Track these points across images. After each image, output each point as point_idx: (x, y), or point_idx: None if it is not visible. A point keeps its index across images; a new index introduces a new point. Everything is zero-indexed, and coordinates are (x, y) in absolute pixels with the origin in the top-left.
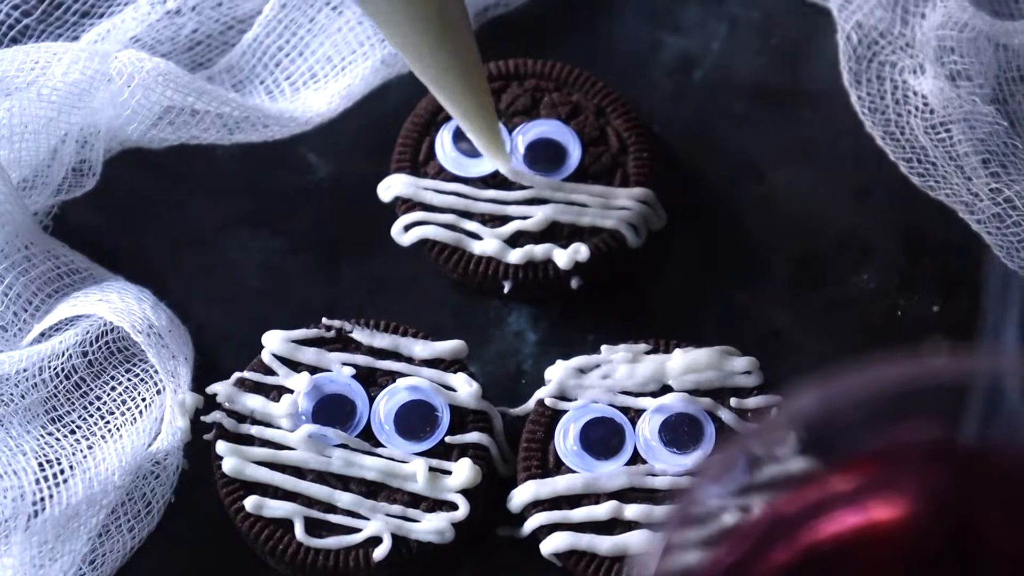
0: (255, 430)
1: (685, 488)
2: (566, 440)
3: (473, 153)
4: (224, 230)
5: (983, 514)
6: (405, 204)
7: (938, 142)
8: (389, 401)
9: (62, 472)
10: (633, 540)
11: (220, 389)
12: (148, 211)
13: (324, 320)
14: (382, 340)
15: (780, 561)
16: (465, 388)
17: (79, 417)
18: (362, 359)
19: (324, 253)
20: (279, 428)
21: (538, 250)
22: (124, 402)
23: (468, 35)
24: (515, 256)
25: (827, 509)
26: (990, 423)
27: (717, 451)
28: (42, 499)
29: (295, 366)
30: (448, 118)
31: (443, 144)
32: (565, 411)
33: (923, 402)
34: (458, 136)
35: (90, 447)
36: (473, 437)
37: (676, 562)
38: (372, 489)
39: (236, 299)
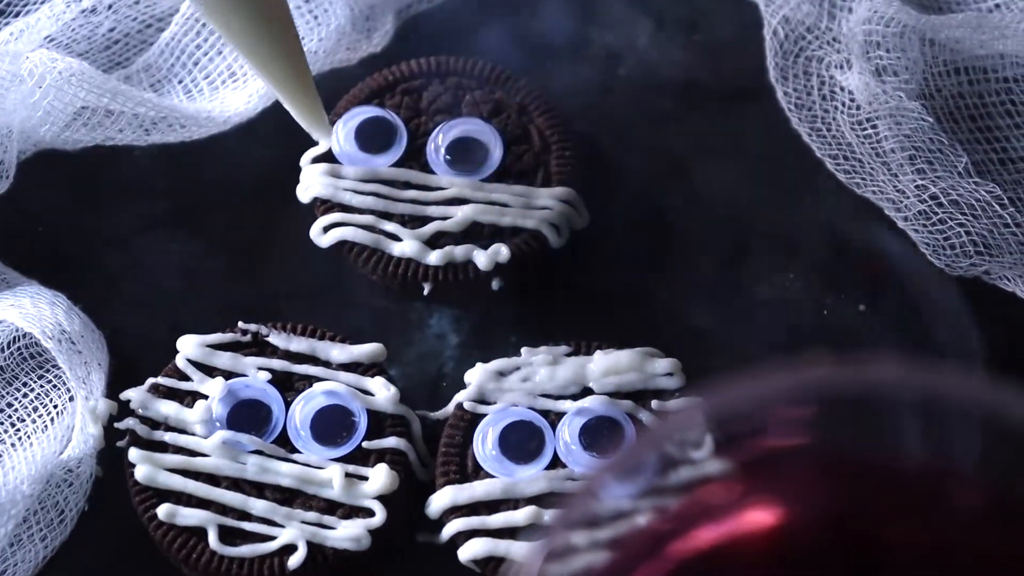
0: (169, 437)
1: (572, 491)
2: (485, 445)
3: (369, 149)
4: (141, 232)
5: (864, 521)
6: (324, 205)
7: (864, 138)
8: (305, 406)
9: None
10: None
11: (133, 395)
12: (63, 214)
13: (240, 324)
14: (299, 344)
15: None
16: (383, 392)
17: None
18: (278, 363)
19: (243, 255)
20: (193, 435)
21: (458, 251)
22: (36, 409)
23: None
24: (435, 257)
25: (702, 518)
26: (874, 431)
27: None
28: None
29: (210, 371)
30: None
31: (339, 138)
32: (484, 415)
33: (804, 411)
34: (358, 133)
35: None
36: (391, 442)
37: (564, 567)
38: (287, 496)
39: (153, 302)
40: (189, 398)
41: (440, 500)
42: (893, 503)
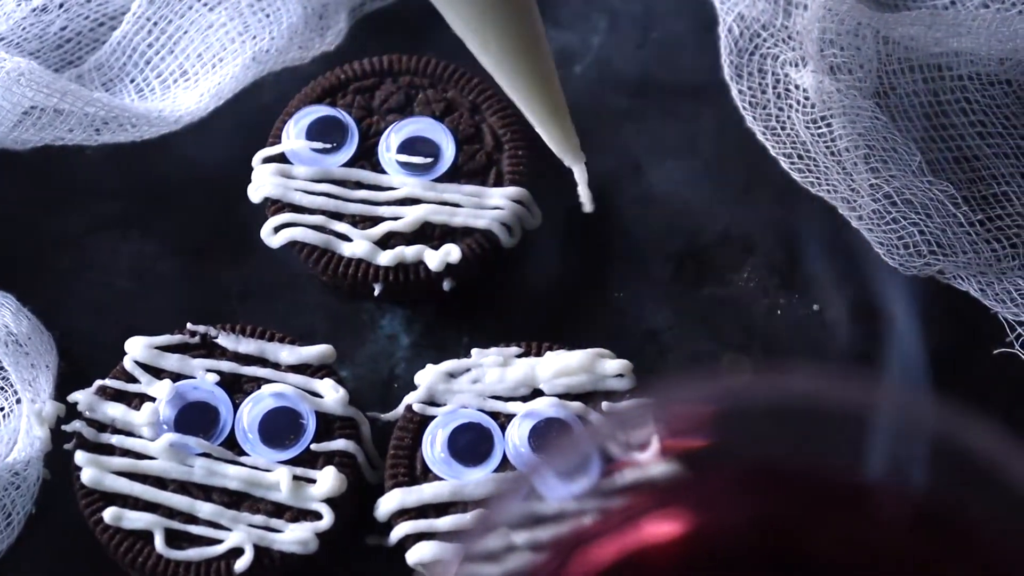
0: (115, 439)
1: (501, 491)
2: (434, 447)
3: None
4: (92, 233)
5: (785, 529)
6: (275, 205)
7: (818, 137)
8: (253, 408)
9: None
10: None
11: (81, 398)
12: (13, 214)
13: (189, 325)
14: (248, 345)
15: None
16: (332, 394)
17: None
18: (227, 365)
19: (195, 256)
20: (140, 437)
21: (409, 252)
22: None
23: (536, 19)
24: (385, 258)
25: (617, 526)
26: (792, 440)
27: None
28: None
29: (158, 373)
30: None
31: (289, 137)
32: (434, 416)
33: (723, 422)
34: (309, 132)
35: None
36: (339, 444)
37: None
38: (235, 499)
39: (104, 304)
40: (136, 400)
41: (388, 503)
42: (814, 511)
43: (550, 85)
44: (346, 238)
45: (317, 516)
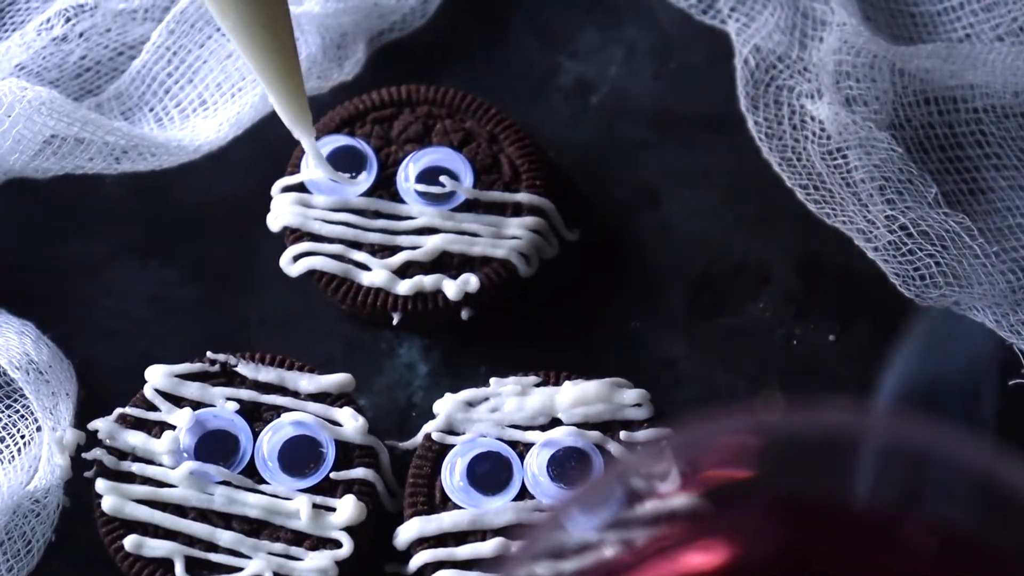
0: (136, 467)
1: (537, 522)
2: (453, 476)
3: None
4: (112, 261)
5: (817, 561)
6: (293, 234)
7: (834, 168)
8: (273, 436)
9: None
10: None
11: (101, 425)
12: (33, 242)
13: (208, 354)
14: (267, 374)
15: None
16: (351, 423)
17: None
18: (246, 393)
19: (214, 284)
20: (160, 465)
21: (427, 281)
22: (2, 439)
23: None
24: (404, 287)
25: (657, 554)
26: (826, 473)
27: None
28: None
29: (178, 401)
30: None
31: (308, 164)
32: (452, 445)
33: (755, 452)
34: (329, 162)
35: None
36: (359, 473)
37: None
38: (254, 527)
39: (123, 332)
40: (157, 428)
41: (408, 531)
42: (846, 544)
43: (286, 54)
44: (365, 267)
45: (337, 544)
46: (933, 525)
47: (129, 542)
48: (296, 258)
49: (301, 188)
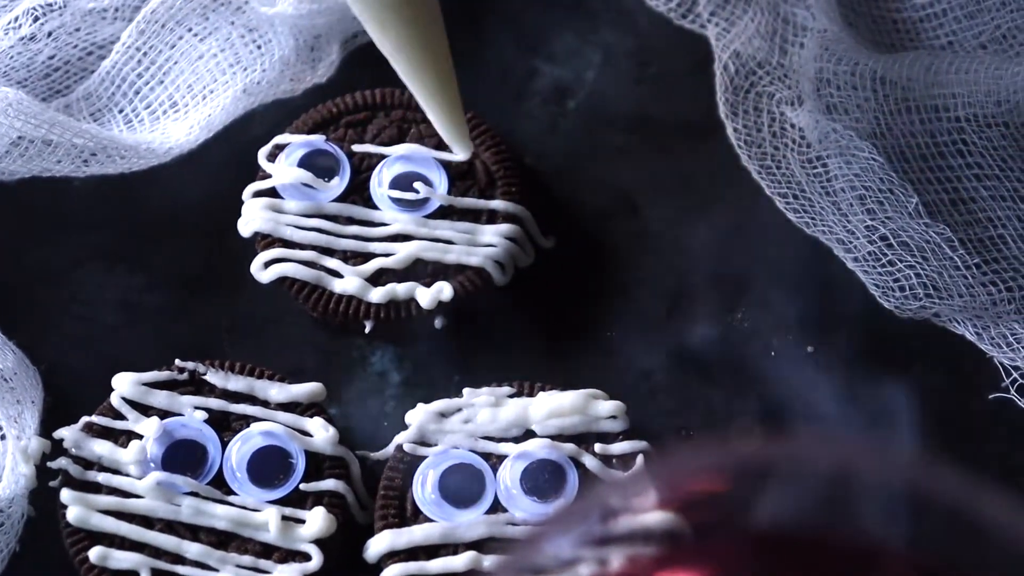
0: (102, 477)
1: (520, 539)
2: (424, 488)
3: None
4: (79, 266)
5: None
6: (265, 240)
7: (814, 176)
8: (242, 447)
9: None
10: None
11: (67, 434)
12: None
13: (177, 362)
14: (237, 383)
15: None
16: (321, 433)
17: None
18: (215, 403)
19: (183, 290)
20: (127, 475)
21: (400, 289)
22: None
23: (436, 14)
24: (377, 295)
25: None
26: (803, 505)
27: (563, 504)
28: None
29: (145, 410)
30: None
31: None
32: (424, 457)
33: (730, 483)
34: (301, 166)
35: None
36: (329, 484)
37: None
38: (222, 539)
39: (91, 338)
40: (124, 437)
41: (378, 544)
42: (822, 573)
43: (446, 74)
44: (337, 274)
45: (306, 557)
46: (910, 557)
47: (95, 554)
48: (267, 264)
49: (273, 193)
